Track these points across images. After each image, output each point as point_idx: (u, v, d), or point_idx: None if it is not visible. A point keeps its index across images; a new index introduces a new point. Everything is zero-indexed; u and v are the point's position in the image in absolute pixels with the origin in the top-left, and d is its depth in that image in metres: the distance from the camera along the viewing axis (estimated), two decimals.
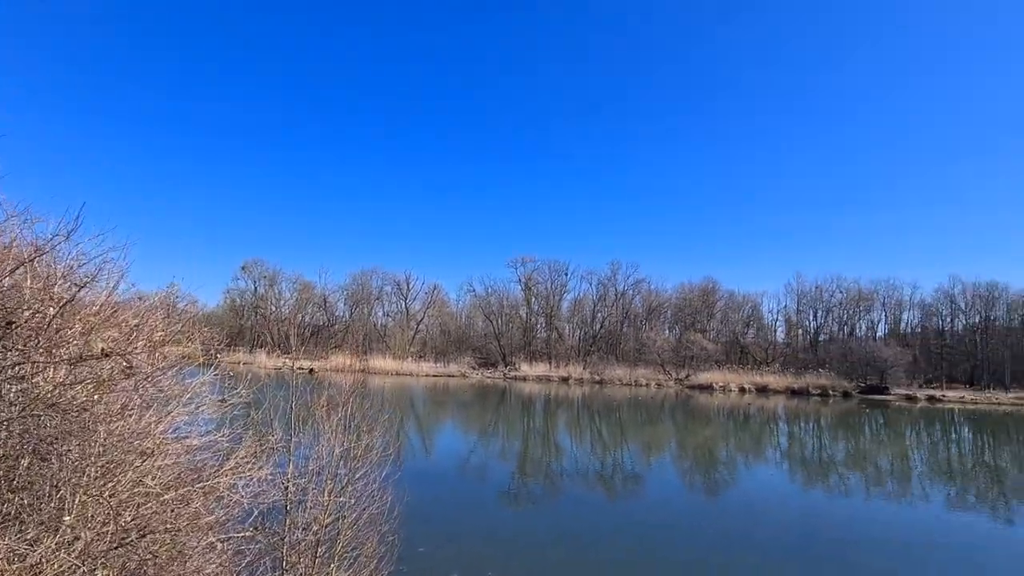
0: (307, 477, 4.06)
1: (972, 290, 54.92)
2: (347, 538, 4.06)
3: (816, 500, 13.01)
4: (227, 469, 3.61)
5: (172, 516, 3.36)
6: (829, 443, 23.16)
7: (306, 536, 3.90)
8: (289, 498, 3.95)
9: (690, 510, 11.38)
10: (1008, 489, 15.09)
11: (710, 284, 62.37)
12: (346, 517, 4.09)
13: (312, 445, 4.30)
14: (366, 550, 4.15)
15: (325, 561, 3.96)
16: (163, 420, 3.63)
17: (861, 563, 8.22)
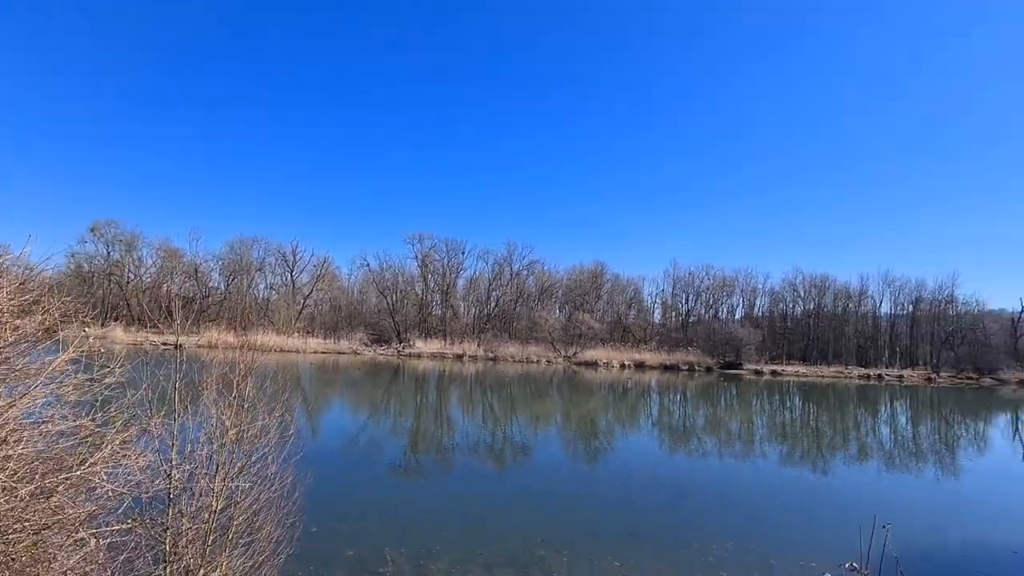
0: (195, 463, 3.78)
1: (809, 280, 64.02)
2: (241, 525, 3.87)
3: (681, 462, 14.58)
4: (99, 457, 3.27)
5: (31, 512, 2.98)
6: (692, 412, 25.92)
7: (194, 525, 3.65)
8: (174, 486, 3.66)
9: (574, 476, 12.21)
10: (825, 447, 18.04)
11: (599, 267, 65.97)
12: (240, 503, 3.89)
13: (200, 428, 4.00)
14: (262, 535, 3.99)
15: (216, 550, 3.75)
16: (16, 403, 3.18)
17: (718, 518, 9.44)
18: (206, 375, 4.12)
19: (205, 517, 3.70)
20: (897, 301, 62.91)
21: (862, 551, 3.36)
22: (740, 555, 7.38)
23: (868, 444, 18.93)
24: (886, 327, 62.59)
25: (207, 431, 3.96)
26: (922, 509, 10.72)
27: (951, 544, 8.21)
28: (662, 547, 7.65)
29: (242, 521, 4.01)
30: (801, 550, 7.65)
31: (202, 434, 3.95)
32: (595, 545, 7.57)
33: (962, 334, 57.64)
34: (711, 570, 6.84)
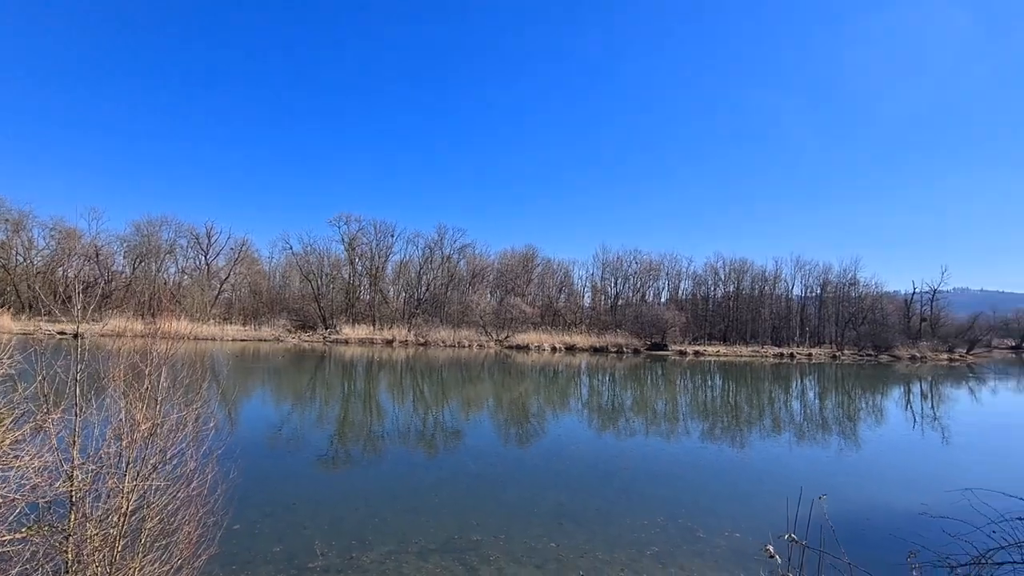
0: (102, 462, 3.41)
1: (729, 265, 68.20)
2: (155, 527, 3.55)
3: (611, 441, 15.13)
4: None
5: None
6: (621, 392, 26.99)
7: (101, 530, 3.31)
8: (76, 488, 3.29)
9: (507, 459, 12.35)
10: (742, 421, 19.39)
11: (530, 251, 66.72)
12: (154, 503, 3.56)
13: (107, 424, 3.61)
14: (180, 537, 3.69)
15: (127, 556, 3.42)
16: None
17: (648, 494, 9.89)
18: (112, 366, 3.72)
19: (114, 520, 3.36)
20: (807, 284, 68.59)
21: (789, 519, 3.58)
22: (669, 530, 7.78)
23: (782, 418, 20.55)
24: (797, 308, 68.02)
25: (115, 427, 3.59)
26: (833, 477, 11.79)
27: (862, 509, 9.09)
28: (595, 525, 7.91)
29: (157, 523, 3.69)
30: (726, 522, 8.17)
31: (109, 430, 3.57)
32: (530, 527, 7.70)
33: (863, 315, 63.65)
34: (642, 545, 7.16)
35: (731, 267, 68.09)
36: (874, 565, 5.68)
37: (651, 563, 6.62)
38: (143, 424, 3.61)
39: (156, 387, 3.84)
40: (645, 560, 6.70)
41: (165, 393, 3.94)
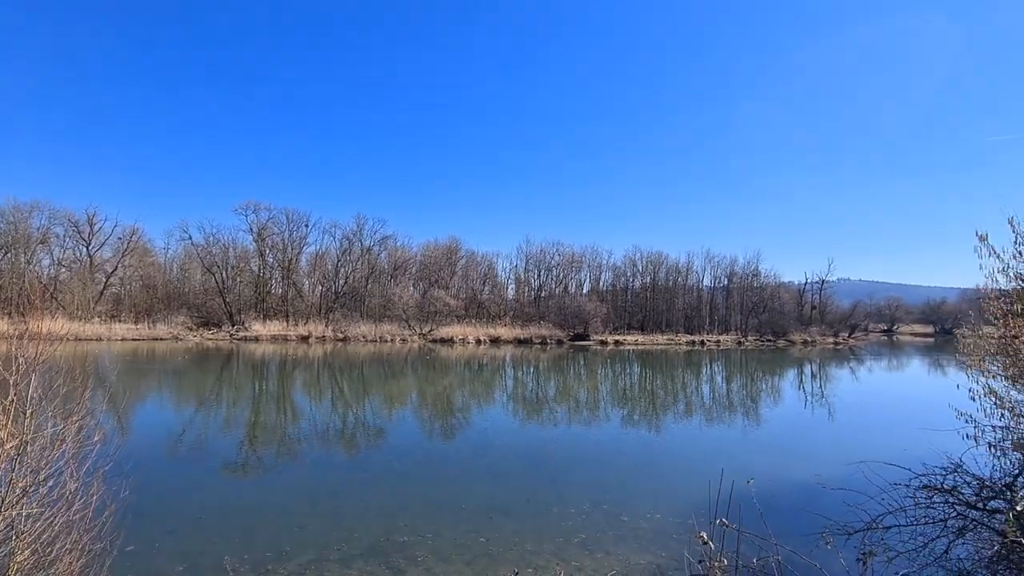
0: None
1: (646, 257, 71.41)
2: (27, 560, 3.03)
3: (537, 432, 15.31)
4: None
5: None
6: (545, 383, 27.47)
7: None
8: None
9: (433, 455, 12.12)
10: (659, 406, 20.39)
11: (454, 243, 66.09)
12: (25, 533, 3.04)
13: None
14: (60, 569, 3.18)
15: None
16: None
17: (574, 482, 10.05)
18: None
19: None
20: (716, 276, 73.48)
21: (707, 499, 3.70)
22: (595, 516, 7.94)
23: (694, 402, 21.81)
24: (707, 298, 72.67)
25: None
26: (740, 455, 12.61)
27: (768, 485, 9.76)
28: (524, 516, 7.92)
29: (29, 555, 3.16)
30: (647, 504, 8.47)
31: None
32: (459, 523, 7.57)
33: (764, 304, 69.15)
34: (570, 533, 7.25)
35: (648, 260, 71.43)
36: (784, 537, 6.08)
37: (578, 550, 6.71)
38: (8, 442, 3.06)
39: (25, 398, 3.28)
40: (572, 548, 6.79)
41: (36, 404, 3.38)
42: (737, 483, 4.34)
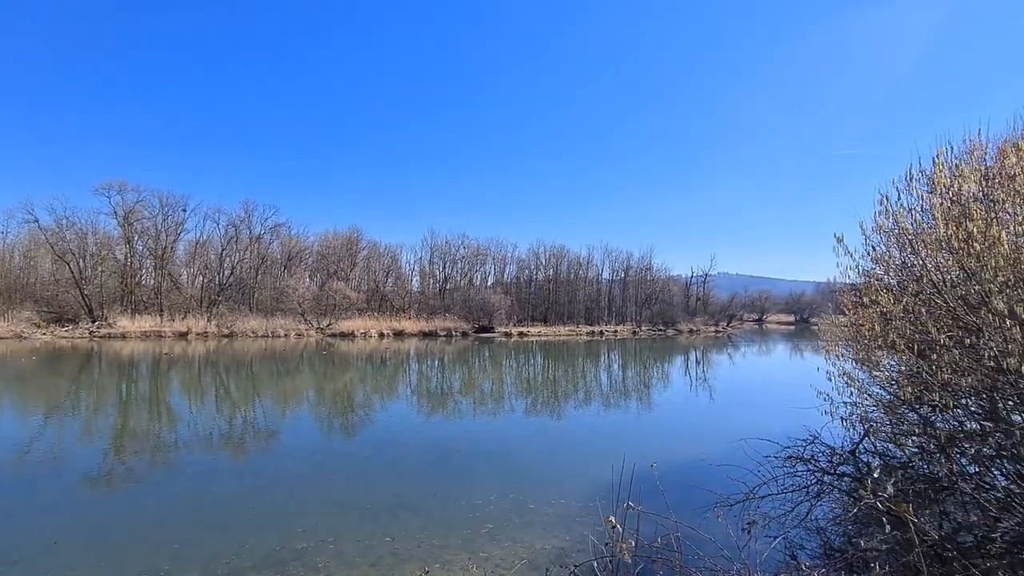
0: None
1: (549, 250, 73.53)
2: None
3: (442, 425, 15.19)
4: None
5: None
6: (450, 375, 27.34)
7: None
8: None
9: (333, 454, 11.59)
10: (560, 395, 21.11)
11: (354, 233, 63.52)
12: None
13: None
14: None
15: None
16: None
17: (480, 473, 10.09)
18: None
19: None
20: (614, 269, 77.44)
21: (605, 480, 3.85)
22: (502, 505, 8.02)
23: (593, 389, 22.82)
24: (606, 291, 76.40)
25: None
26: (635, 438, 13.38)
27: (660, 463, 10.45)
28: (432, 511, 7.80)
29: None
30: (552, 490, 8.71)
31: None
32: (363, 524, 7.29)
33: (656, 295, 74.04)
34: (478, 524, 7.25)
35: (551, 253, 73.59)
36: (678, 513, 6.52)
37: (486, 540, 6.75)
38: None
39: None
40: (480, 538, 6.80)
41: None
42: (638, 466, 4.56)
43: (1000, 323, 4.20)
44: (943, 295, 5.12)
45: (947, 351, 4.83)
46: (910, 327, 5.51)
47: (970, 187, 5.10)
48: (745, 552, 3.42)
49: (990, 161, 5.74)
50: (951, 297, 5.05)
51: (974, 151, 5.58)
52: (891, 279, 7.03)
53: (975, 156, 5.49)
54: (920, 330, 5.31)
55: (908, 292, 5.87)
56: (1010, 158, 4.57)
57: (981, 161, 5.48)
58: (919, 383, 6.08)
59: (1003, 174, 4.76)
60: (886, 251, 6.57)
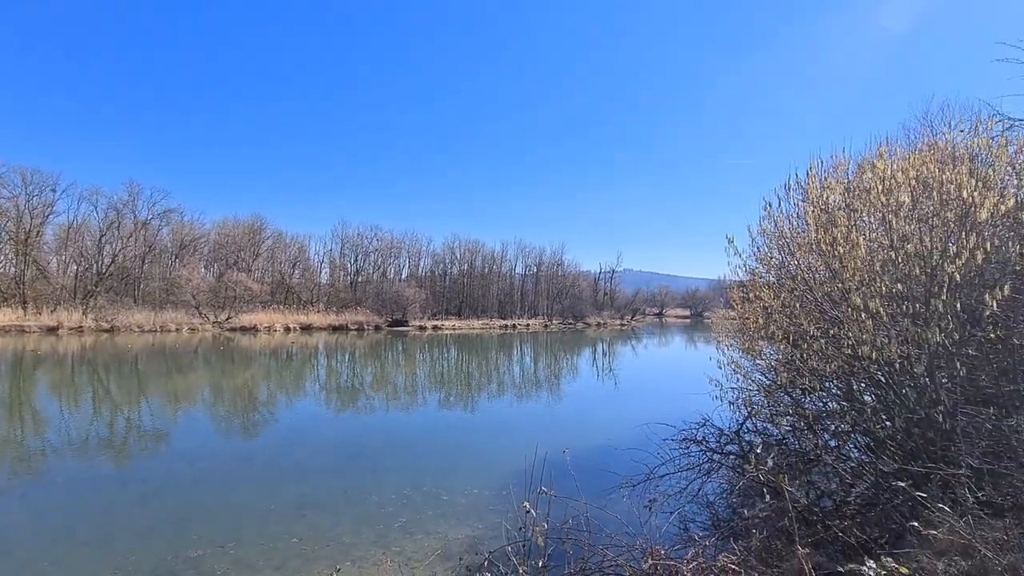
0: None
1: (464, 245, 73.34)
2: None
3: (353, 421, 14.77)
4: None
5: None
6: (361, 370, 26.56)
7: None
8: None
9: (233, 456, 10.91)
10: (474, 387, 21.27)
11: (257, 222, 59.61)
12: None
13: None
14: None
15: None
16: None
17: (393, 468, 9.95)
18: None
19: None
20: (527, 264, 78.82)
21: (519, 469, 4.00)
22: (416, 499, 7.99)
23: (506, 381, 23.19)
24: (519, 285, 77.64)
25: None
26: (547, 427, 13.80)
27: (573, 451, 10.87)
28: (342, 509, 7.60)
29: None
30: (466, 481, 8.79)
31: None
32: (266, 526, 6.95)
33: (566, 290, 76.39)
34: (390, 519, 7.18)
35: (466, 247, 73.55)
36: (586, 495, 6.87)
37: (399, 535, 6.71)
38: None
39: None
40: (393, 533, 6.75)
41: None
42: (550, 453, 4.77)
43: (856, 316, 4.86)
44: (813, 292, 5.82)
45: (815, 341, 5.50)
46: (786, 320, 6.20)
47: (835, 198, 5.83)
48: (646, 527, 3.72)
49: (852, 175, 6.59)
50: (819, 294, 5.75)
51: (839, 166, 6.37)
52: (772, 277, 7.85)
53: (839, 170, 6.28)
54: (794, 322, 6.00)
55: (785, 289, 6.60)
56: (867, 173, 5.28)
57: (844, 175, 6.28)
58: (792, 369, 6.86)
59: (861, 187, 5.49)
60: (768, 252, 7.32)
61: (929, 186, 4.65)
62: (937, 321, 4.39)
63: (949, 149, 5.54)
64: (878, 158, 5.08)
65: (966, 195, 4.16)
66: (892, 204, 4.70)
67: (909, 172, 4.69)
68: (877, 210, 4.98)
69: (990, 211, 4.02)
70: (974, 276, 4.75)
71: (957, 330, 4.42)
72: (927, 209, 4.68)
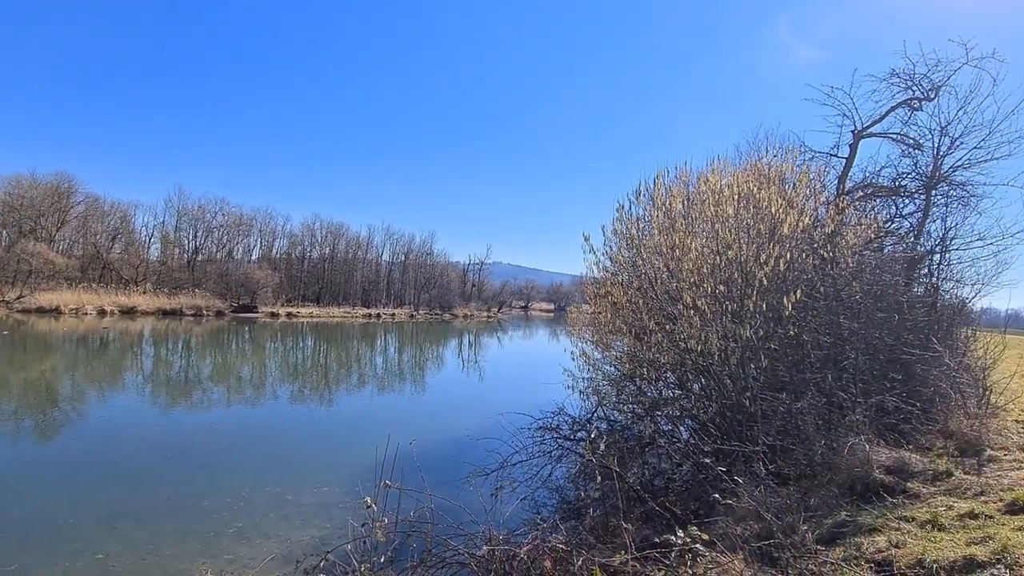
0: None
1: (326, 227, 69.04)
2: None
3: (184, 418, 13.13)
4: None
5: None
6: (198, 361, 23.73)
7: None
8: None
9: (21, 463, 9.06)
10: (332, 379, 20.18)
11: (64, 183, 50.11)
12: None
13: None
14: None
15: None
16: None
17: (230, 468, 9.03)
18: None
19: None
20: (395, 251, 76.49)
21: (376, 464, 3.85)
22: (255, 500, 7.30)
23: (367, 372, 22.32)
24: (385, 273, 75.05)
25: None
26: (409, 419, 13.53)
27: (430, 442, 10.70)
28: (163, 517, 6.68)
29: None
30: (316, 479, 8.25)
31: None
32: (62, 544, 5.85)
33: (435, 280, 75.70)
34: (224, 524, 6.48)
35: (328, 230, 69.22)
36: (439, 486, 6.82)
37: (233, 542, 6.09)
38: None
39: None
40: (226, 540, 6.11)
41: None
42: (402, 446, 4.64)
43: (687, 313, 5.45)
44: (655, 289, 6.42)
45: (654, 334, 6.06)
46: (632, 315, 6.77)
47: (677, 205, 6.47)
48: (493, 515, 3.78)
49: (694, 187, 7.38)
50: (659, 292, 6.36)
51: (681, 177, 7.09)
52: (623, 275, 8.51)
53: (681, 180, 6.99)
54: (638, 318, 6.56)
55: (633, 287, 7.19)
56: (702, 186, 5.94)
57: (686, 185, 7.00)
58: (636, 361, 7.51)
59: (697, 198, 6.17)
60: (619, 252, 7.92)
61: (748, 201, 5.36)
62: (749, 319, 5.08)
63: (765, 171, 6.44)
64: (711, 173, 5.73)
65: (774, 211, 4.86)
66: (720, 215, 5.33)
67: (734, 188, 5.36)
68: (707, 219, 5.62)
69: (791, 226, 4.73)
70: (779, 281, 5.58)
71: (763, 327, 5.16)
72: (745, 221, 5.39)
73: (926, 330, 7.10)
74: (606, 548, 3.38)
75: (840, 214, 7.05)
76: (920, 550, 3.29)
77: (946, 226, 8.88)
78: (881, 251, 8.92)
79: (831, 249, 6.48)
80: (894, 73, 9.36)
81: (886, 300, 6.76)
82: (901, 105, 9.49)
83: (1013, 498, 3.93)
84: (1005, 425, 6.46)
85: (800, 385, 5.89)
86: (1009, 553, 3.09)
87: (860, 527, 3.79)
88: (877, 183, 10.07)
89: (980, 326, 9.98)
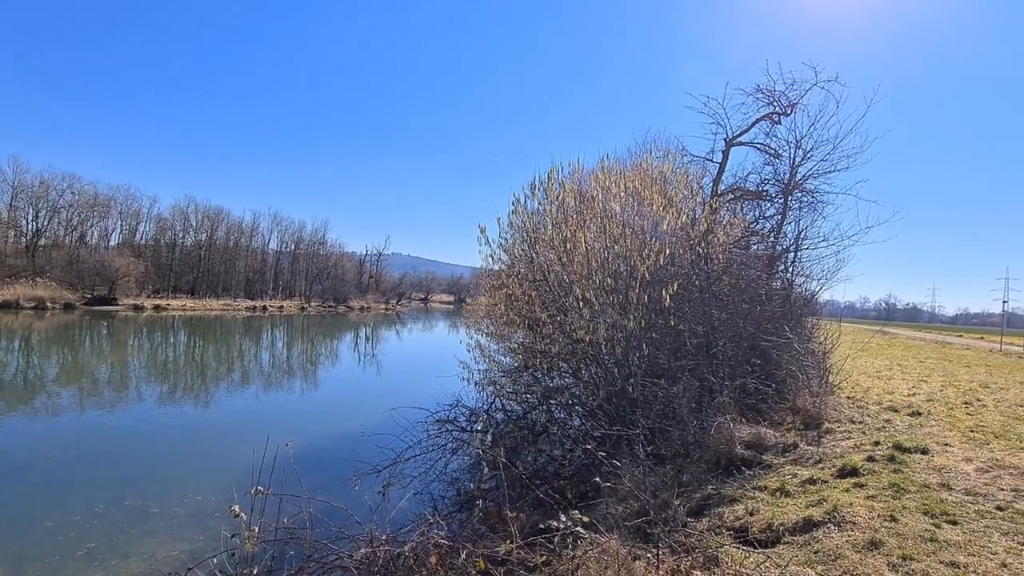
0: None
1: (203, 211, 62.75)
2: None
3: (25, 426, 11.32)
4: None
5: None
6: (40, 362, 20.56)
7: None
8: None
9: None
10: (209, 379, 18.48)
11: None
12: None
13: None
14: None
15: None
16: None
17: (81, 479, 7.94)
18: None
19: None
20: (283, 240, 71.45)
21: (254, 469, 3.56)
22: (112, 516, 6.47)
23: (251, 370, 20.67)
24: (272, 262, 69.89)
25: None
26: (297, 419, 12.72)
27: (319, 441, 10.15)
28: None
29: None
30: (187, 489, 7.48)
31: None
32: None
33: (328, 271, 71.96)
34: (72, 546, 5.67)
35: (204, 214, 63.01)
36: (324, 488, 6.50)
37: (83, 564, 5.37)
38: None
39: None
40: (74, 563, 5.37)
41: None
42: (281, 449, 4.35)
43: (577, 305, 5.66)
44: (548, 282, 6.59)
45: (546, 326, 6.23)
46: (526, 307, 6.90)
47: (570, 201, 6.68)
48: (381, 513, 3.66)
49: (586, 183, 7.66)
50: (553, 284, 6.54)
51: (575, 173, 7.33)
52: (518, 267, 8.65)
53: (575, 177, 7.23)
54: (532, 309, 6.71)
55: (527, 279, 7.33)
56: (592, 184, 6.18)
57: (578, 182, 7.25)
58: (530, 351, 7.69)
59: (589, 194, 6.41)
60: (515, 245, 8.03)
61: (634, 199, 5.67)
62: (633, 311, 5.39)
63: (650, 172, 6.86)
64: (601, 171, 5.99)
65: (656, 208, 5.19)
66: (608, 211, 5.59)
67: (622, 185, 5.64)
68: (597, 215, 5.87)
69: (670, 223, 5.08)
70: (659, 275, 5.99)
71: (645, 318, 5.50)
72: (631, 217, 5.71)
73: (781, 319, 8.03)
74: (496, 537, 3.41)
75: (714, 214, 7.74)
76: (770, 515, 3.71)
77: (799, 228, 10.16)
78: (747, 249, 9.94)
79: (705, 246, 7.10)
80: (759, 89, 10.47)
81: (749, 293, 7.54)
82: (764, 118, 10.63)
83: (843, 464, 4.57)
84: (840, 401, 7.51)
85: (677, 371, 6.38)
86: (838, 512, 3.59)
87: (723, 498, 4.19)
88: (745, 187, 11.21)
89: (823, 316, 11.54)
